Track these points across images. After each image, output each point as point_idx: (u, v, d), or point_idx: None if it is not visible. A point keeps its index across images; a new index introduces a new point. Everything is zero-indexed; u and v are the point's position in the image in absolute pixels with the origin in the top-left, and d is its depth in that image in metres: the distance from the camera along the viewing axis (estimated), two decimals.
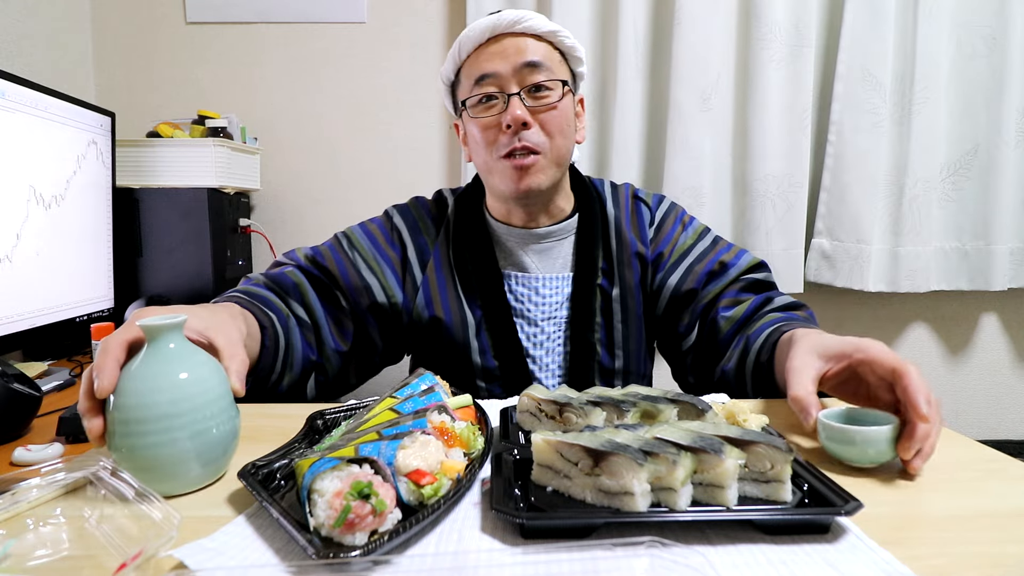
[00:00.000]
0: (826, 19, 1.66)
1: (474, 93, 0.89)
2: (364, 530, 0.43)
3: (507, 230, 0.97)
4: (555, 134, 0.89)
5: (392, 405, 0.61)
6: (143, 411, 0.51)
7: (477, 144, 0.92)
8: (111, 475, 0.49)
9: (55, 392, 1.06)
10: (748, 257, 0.98)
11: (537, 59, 0.87)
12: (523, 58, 0.87)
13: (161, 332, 0.54)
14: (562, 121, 0.90)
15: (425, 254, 0.99)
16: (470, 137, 0.94)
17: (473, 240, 0.97)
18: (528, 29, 0.88)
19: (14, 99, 1.04)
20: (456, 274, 0.97)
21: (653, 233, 0.99)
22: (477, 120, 0.90)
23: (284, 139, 1.75)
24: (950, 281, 1.72)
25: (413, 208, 1.05)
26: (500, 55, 0.87)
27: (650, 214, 1.01)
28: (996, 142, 1.63)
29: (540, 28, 0.88)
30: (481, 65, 0.88)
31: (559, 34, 0.90)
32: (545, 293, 0.96)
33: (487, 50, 0.89)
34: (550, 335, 0.95)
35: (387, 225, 1.03)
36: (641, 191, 1.04)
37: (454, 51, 0.92)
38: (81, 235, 1.24)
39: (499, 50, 0.88)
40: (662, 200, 1.03)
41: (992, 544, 0.47)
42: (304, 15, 1.71)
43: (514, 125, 0.86)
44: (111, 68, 1.71)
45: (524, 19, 0.87)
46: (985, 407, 1.85)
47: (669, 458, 0.47)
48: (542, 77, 0.88)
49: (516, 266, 0.97)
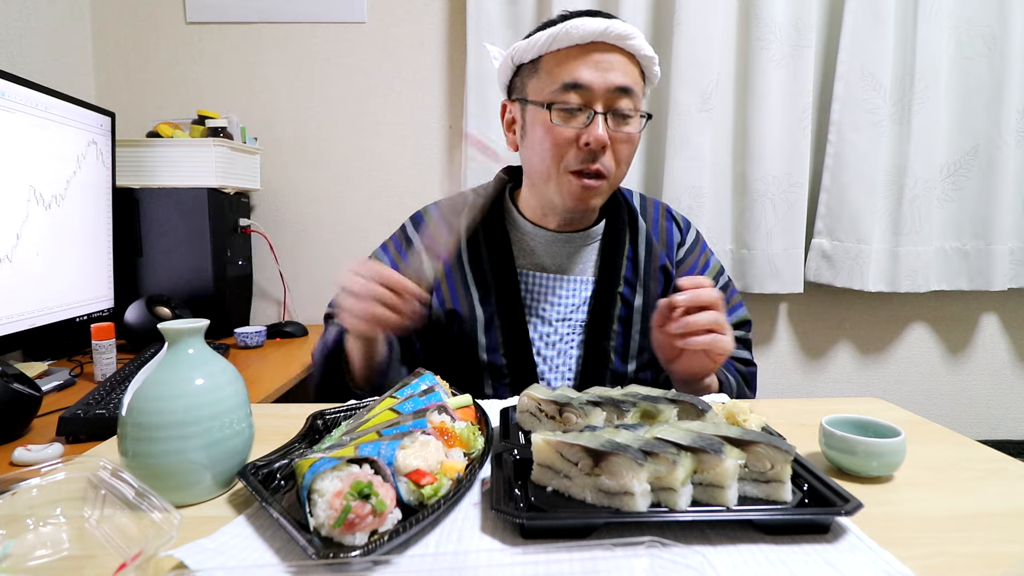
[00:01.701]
0: (826, 19, 1.66)
1: (559, 99, 0.84)
2: (364, 530, 0.43)
3: (535, 230, 0.97)
4: (623, 163, 0.88)
5: (392, 405, 0.60)
6: (157, 417, 0.50)
7: (542, 148, 0.87)
8: (111, 475, 0.49)
9: (55, 392, 1.06)
10: (739, 313, 1.01)
11: (630, 84, 0.84)
12: (619, 80, 0.84)
13: (182, 336, 0.53)
14: (632, 152, 0.89)
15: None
16: (534, 138, 0.89)
17: (490, 237, 0.97)
18: (632, 48, 0.84)
19: (14, 99, 1.04)
20: (470, 270, 0.96)
21: (682, 255, 1.00)
22: (555, 128, 0.85)
23: (284, 139, 1.75)
24: (950, 281, 1.72)
25: (427, 215, 1.04)
26: (596, 67, 0.83)
27: (680, 235, 1.02)
28: (996, 142, 1.63)
29: (643, 51, 0.85)
30: (575, 71, 0.84)
31: (654, 60, 0.88)
32: (562, 294, 0.95)
33: (584, 55, 0.84)
34: (563, 336, 0.94)
35: (402, 240, 1.03)
36: (672, 209, 1.05)
37: (544, 37, 0.85)
38: (81, 235, 1.24)
39: (596, 61, 0.84)
40: (691, 225, 1.05)
41: (992, 544, 0.47)
42: (304, 15, 1.71)
43: (595, 146, 0.84)
44: (111, 68, 1.71)
45: (632, 36, 0.84)
46: (985, 407, 1.86)
47: (669, 458, 0.47)
48: (629, 106, 0.85)
49: (535, 265, 0.96)
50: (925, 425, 0.73)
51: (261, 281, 1.78)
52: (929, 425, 0.73)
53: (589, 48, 0.84)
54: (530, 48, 0.87)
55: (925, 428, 0.72)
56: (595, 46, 0.84)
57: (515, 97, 0.93)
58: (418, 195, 1.75)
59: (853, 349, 1.83)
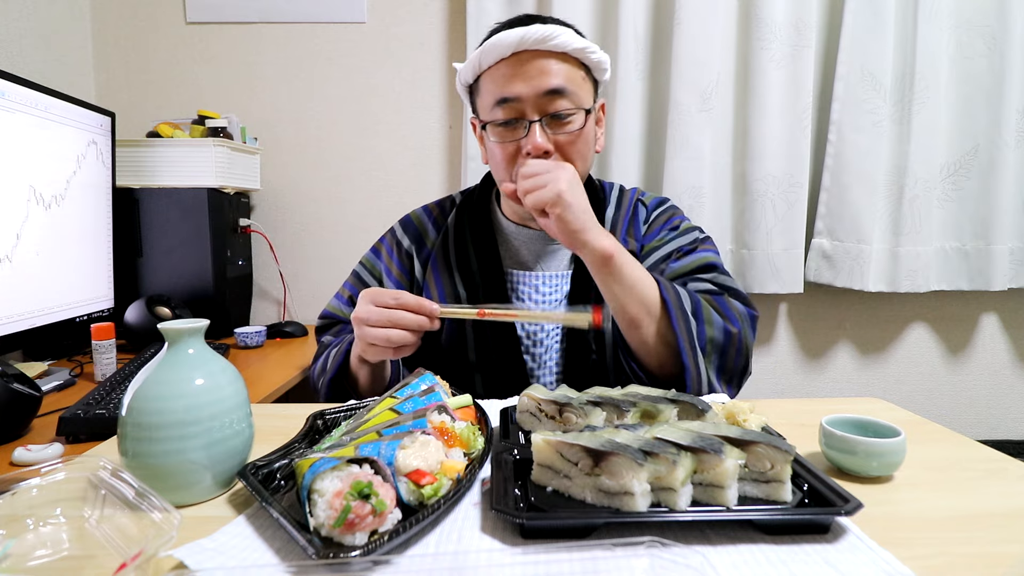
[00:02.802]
0: (826, 19, 1.66)
1: (495, 117, 0.87)
2: (364, 530, 0.43)
3: (517, 230, 0.99)
4: (575, 159, 0.88)
5: (392, 405, 0.61)
6: (157, 417, 0.50)
7: (496, 162, 0.91)
8: (111, 475, 0.49)
9: (55, 392, 1.06)
10: (700, 256, 0.94)
11: (560, 84, 0.84)
12: (547, 84, 0.83)
13: (182, 336, 0.53)
14: (582, 146, 0.89)
15: (426, 259, 1.02)
16: (490, 153, 0.93)
17: (477, 238, 0.98)
18: (556, 47, 0.84)
19: (14, 99, 1.04)
20: (458, 272, 0.97)
21: (645, 229, 1.00)
22: (500, 146, 0.88)
23: (284, 139, 1.75)
24: (950, 281, 1.72)
25: (416, 219, 1.06)
26: (523, 77, 0.84)
27: (646, 212, 1.01)
28: (996, 142, 1.63)
29: (569, 46, 0.84)
30: (503, 87, 0.85)
31: (587, 51, 0.87)
32: (545, 291, 0.97)
33: (511, 67, 0.85)
34: (549, 332, 0.96)
35: (392, 242, 1.05)
36: (646, 194, 1.05)
37: (475, 58, 0.88)
38: (81, 235, 1.24)
39: (522, 71, 0.84)
40: (662, 202, 1.04)
41: (992, 544, 0.47)
42: (304, 15, 1.71)
43: (535, 154, 0.85)
44: (111, 68, 1.71)
45: (552, 36, 0.83)
46: (985, 407, 1.85)
47: (669, 458, 0.47)
48: (565, 105, 0.85)
49: (519, 264, 0.98)
50: (925, 425, 0.73)
51: (261, 281, 1.78)
52: (929, 425, 0.73)
53: (515, 60, 0.84)
54: (468, 71, 0.90)
55: (925, 428, 0.72)
56: (521, 56, 0.84)
57: (472, 116, 0.97)
58: (418, 195, 1.75)
59: (853, 349, 1.83)
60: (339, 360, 0.88)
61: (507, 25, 0.87)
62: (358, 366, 0.85)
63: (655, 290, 0.82)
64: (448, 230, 1.01)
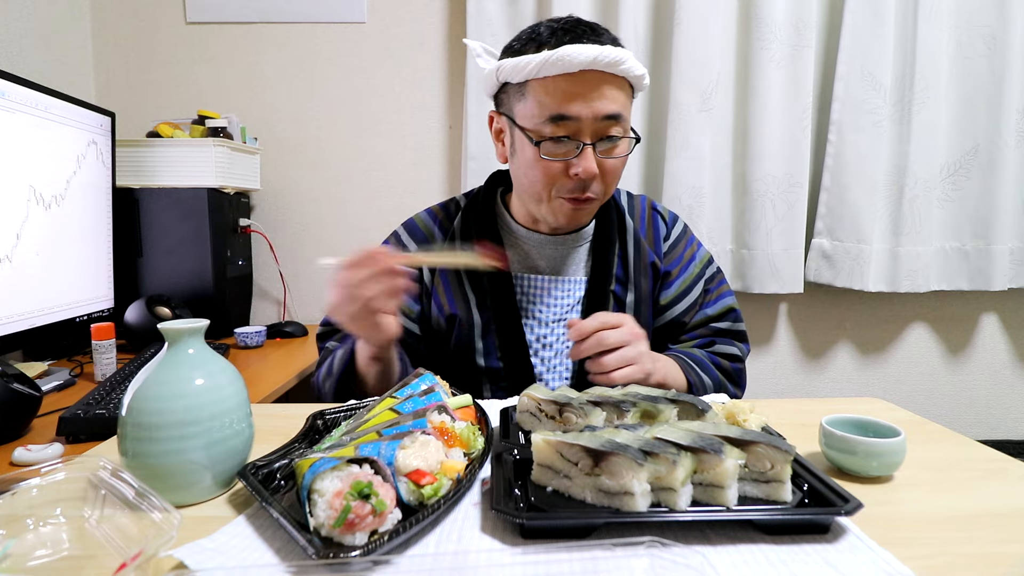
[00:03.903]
0: (826, 19, 1.66)
1: (545, 131, 0.83)
2: (364, 530, 0.43)
3: (528, 234, 0.98)
4: (612, 182, 0.89)
5: (392, 405, 0.61)
6: (157, 417, 0.50)
7: (532, 175, 0.87)
8: (111, 475, 0.49)
9: (55, 392, 1.06)
10: (724, 302, 1.01)
11: (618, 111, 0.83)
12: (607, 109, 0.82)
13: (182, 336, 0.53)
14: (621, 169, 0.89)
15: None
16: (523, 160, 0.88)
17: (485, 242, 0.97)
18: (622, 73, 0.82)
19: (14, 99, 1.04)
20: (466, 275, 0.96)
21: (667, 248, 1.01)
22: (544, 160, 0.84)
23: (284, 139, 1.75)
24: (950, 281, 1.72)
25: (422, 223, 1.03)
26: (585, 98, 0.81)
27: (666, 229, 1.02)
28: (996, 142, 1.63)
29: (632, 72, 0.83)
30: (561, 103, 0.81)
31: (644, 78, 0.86)
32: (557, 295, 0.96)
33: (573, 85, 0.81)
34: (559, 336, 0.95)
35: (397, 247, 1.02)
36: (657, 204, 1.05)
37: (533, 63, 0.81)
38: (81, 235, 1.24)
39: (585, 92, 0.81)
40: (677, 219, 1.05)
41: (992, 544, 0.47)
42: (304, 15, 1.71)
43: (585, 178, 0.84)
44: (111, 68, 1.71)
45: (622, 61, 0.81)
46: (985, 407, 1.85)
47: (669, 458, 0.47)
48: (619, 131, 0.84)
49: (529, 268, 0.97)
50: (925, 425, 0.73)
51: (261, 281, 1.78)
52: (929, 425, 0.73)
53: (579, 78, 0.81)
54: (517, 71, 0.84)
55: (925, 428, 0.72)
56: (586, 75, 0.81)
57: (502, 111, 0.90)
58: (418, 195, 1.75)
59: (853, 349, 1.83)
60: (345, 360, 0.87)
61: (567, 33, 0.83)
62: (367, 365, 0.84)
63: (683, 379, 0.91)
64: (455, 234, 1.00)
